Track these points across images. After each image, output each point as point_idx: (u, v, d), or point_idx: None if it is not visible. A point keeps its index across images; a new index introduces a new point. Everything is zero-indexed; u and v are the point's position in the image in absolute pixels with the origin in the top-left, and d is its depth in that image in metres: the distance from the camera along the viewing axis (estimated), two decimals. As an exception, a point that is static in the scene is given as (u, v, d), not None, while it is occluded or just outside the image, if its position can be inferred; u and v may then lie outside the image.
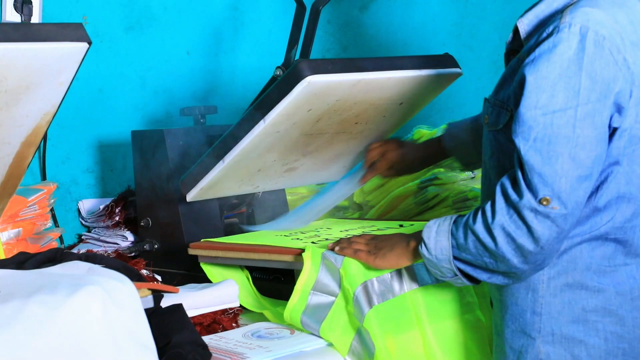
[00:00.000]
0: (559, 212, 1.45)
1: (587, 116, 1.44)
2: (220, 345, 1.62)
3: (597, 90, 1.44)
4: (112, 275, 1.41)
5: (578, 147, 1.45)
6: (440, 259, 1.58)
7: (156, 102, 2.52)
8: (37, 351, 1.22)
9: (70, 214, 2.35)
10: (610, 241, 1.55)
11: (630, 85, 1.47)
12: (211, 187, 1.95)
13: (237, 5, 2.67)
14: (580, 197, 1.47)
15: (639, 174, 1.54)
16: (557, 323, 1.56)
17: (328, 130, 1.97)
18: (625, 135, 1.51)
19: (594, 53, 1.44)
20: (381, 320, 1.65)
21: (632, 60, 1.48)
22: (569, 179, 1.45)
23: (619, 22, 1.49)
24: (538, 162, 1.45)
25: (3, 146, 1.53)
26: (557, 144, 1.44)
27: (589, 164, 1.46)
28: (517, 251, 1.49)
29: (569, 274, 1.55)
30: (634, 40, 1.50)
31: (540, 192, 1.45)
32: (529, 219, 1.46)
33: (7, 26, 1.37)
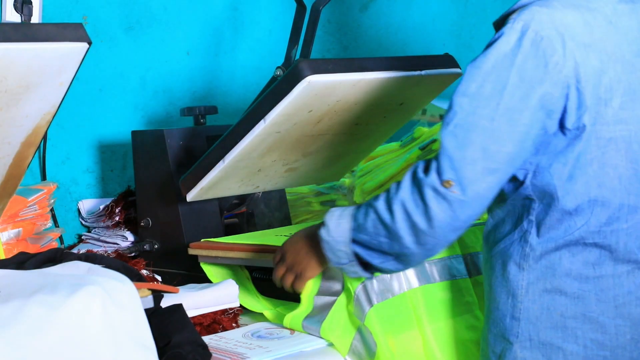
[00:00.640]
0: (456, 197, 1.45)
1: (507, 112, 1.45)
2: (220, 346, 1.62)
3: (522, 88, 1.45)
4: (112, 275, 1.41)
5: (491, 140, 1.45)
6: (339, 241, 1.57)
7: (156, 102, 2.52)
8: (37, 351, 1.22)
9: (70, 214, 2.35)
10: (591, 246, 1.53)
11: (563, 89, 1.47)
12: (211, 187, 1.95)
13: (237, 5, 2.67)
14: (482, 189, 1.46)
15: (612, 176, 1.52)
16: (535, 328, 1.55)
17: (329, 131, 1.96)
18: (589, 138, 1.50)
19: (529, 52, 1.45)
20: (382, 319, 1.65)
21: (580, 61, 1.47)
22: (475, 168, 1.45)
23: (569, 23, 1.49)
24: (452, 146, 1.46)
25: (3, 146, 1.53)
26: (473, 133, 1.45)
27: (498, 158, 1.46)
28: (412, 229, 1.49)
29: (548, 279, 1.54)
30: (587, 42, 1.49)
31: (446, 174, 1.46)
32: (427, 197, 1.47)
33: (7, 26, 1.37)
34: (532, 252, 1.55)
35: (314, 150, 2.02)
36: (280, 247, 1.74)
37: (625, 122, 1.52)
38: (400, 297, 1.71)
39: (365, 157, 2.26)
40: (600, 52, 1.50)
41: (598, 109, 1.49)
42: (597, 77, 1.49)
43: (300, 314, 1.70)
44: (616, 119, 1.51)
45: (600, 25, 1.52)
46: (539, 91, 1.46)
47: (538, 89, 1.46)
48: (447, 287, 1.77)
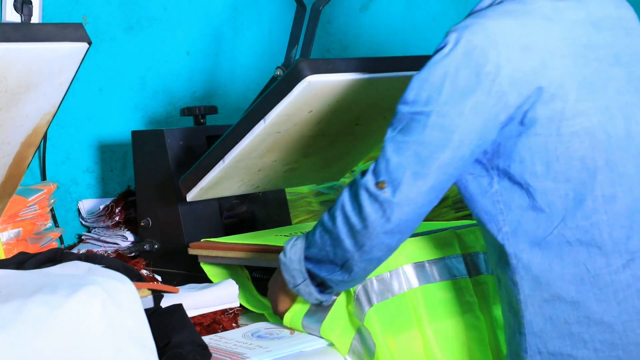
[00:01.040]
0: (387, 198, 1.49)
1: (440, 120, 1.48)
2: (220, 346, 1.62)
3: (456, 97, 1.48)
4: (112, 275, 1.41)
5: (423, 147, 1.49)
6: (293, 260, 1.62)
7: (156, 102, 2.52)
8: (37, 351, 1.22)
9: (70, 214, 2.35)
10: (577, 245, 1.52)
11: (499, 97, 1.48)
12: (211, 187, 1.95)
13: (237, 5, 2.67)
14: (413, 194, 1.49)
15: (580, 169, 1.52)
16: (542, 340, 1.54)
17: (329, 132, 1.96)
18: (550, 135, 1.51)
19: (461, 62, 1.48)
20: (381, 319, 1.65)
21: (518, 66, 1.49)
22: (406, 172, 1.49)
23: (504, 30, 1.50)
24: (390, 151, 1.51)
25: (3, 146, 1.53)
26: (408, 139, 1.50)
27: (429, 164, 1.49)
28: (350, 231, 1.53)
29: (543, 288, 1.53)
30: (525, 44, 1.50)
31: (381, 177, 1.50)
32: (362, 197, 1.51)
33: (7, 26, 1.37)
34: (519, 262, 1.54)
35: (314, 151, 2.02)
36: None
37: (586, 113, 1.52)
38: (400, 297, 1.71)
39: (365, 157, 2.26)
40: (541, 51, 1.51)
41: (553, 106, 1.50)
42: (541, 75, 1.50)
43: (299, 312, 1.70)
44: (575, 112, 1.51)
45: (538, 25, 1.53)
46: (472, 100, 1.48)
47: (471, 98, 1.48)
48: (448, 287, 1.77)
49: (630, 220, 1.53)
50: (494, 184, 1.55)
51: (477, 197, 1.57)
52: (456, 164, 1.51)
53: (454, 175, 1.53)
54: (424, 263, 1.75)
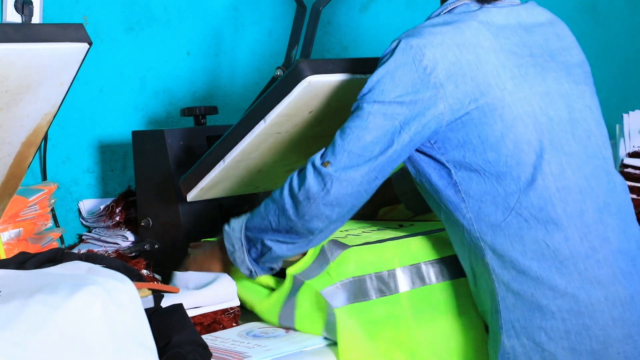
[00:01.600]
0: (327, 172, 1.63)
1: (382, 108, 1.63)
2: (217, 345, 1.62)
3: (395, 90, 1.63)
4: (113, 275, 1.41)
5: (365, 131, 1.63)
6: (235, 229, 1.74)
7: (156, 103, 2.53)
8: (37, 351, 1.22)
9: (71, 214, 2.35)
10: (534, 222, 1.62)
11: (435, 89, 1.62)
12: (212, 187, 1.96)
13: (237, 5, 2.67)
14: (352, 172, 1.63)
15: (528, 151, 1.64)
16: (515, 315, 1.63)
17: (329, 132, 1.96)
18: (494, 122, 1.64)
19: (400, 60, 1.64)
20: (357, 319, 1.66)
21: (454, 60, 1.64)
22: (349, 153, 1.63)
23: (439, 31, 1.66)
24: (338, 136, 1.66)
25: (4, 146, 1.53)
26: (353, 124, 1.65)
27: (370, 147, 1.63)
28: (292, 200, 1.66)
29: (509, 267, 1.63)
30: (460, 41, 1.65)
31: (327, 157, 1.65)
32: (308, 171, 1.65)
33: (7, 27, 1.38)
34: (486, 245, 1.64)
35: (315, 151, 2.02)
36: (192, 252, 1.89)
37: (526, 99, 1.66)
38: (386, 299, 1.72)
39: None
40: (475, 47, 1.66)
41: (493, 94, 1.64)
42: (477, 68, 1.64)
43: (272, 310, 1.73)
44: (514, 98, 1.65)
45: (472, 27, 1.68)
46: (410, 91, 1.62)
47: (409, 90, 1.63)
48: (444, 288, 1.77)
49: (582, 195, 1.65)
50: (452, 175, 1.67)
51: (442, 188, 1.68)
52: (395, 147, 1.63)
53: (393, 159, 1.65)
54: (420, 265, 1.76)
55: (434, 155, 1.68)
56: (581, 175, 1.66)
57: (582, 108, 1.72)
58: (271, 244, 1.71)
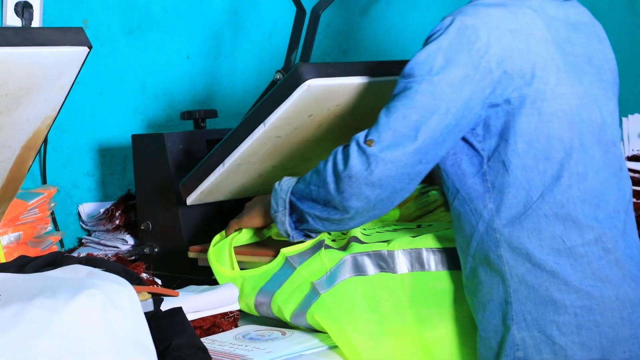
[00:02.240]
0: (371, 151, 1.60)
1: (430, 87, 1.60)
2: (216, 348, 1.62)
3: (446, 70, 1.60)
4: (112, 278, 1.41)
5: (412, 110, 1.61)
6: (282, 189, 1.74)
7: (156, 106, 2.53)
8: (37, 354, 1.23)
9: (71, 217, 2.35)
10: (553, 219, 1.64)
11: (485, 73, 1.61)
12: (211, 190, 1.96)
13: (237, 9, 2.68)
14: (398, 153, 1.60)
15: (558, 148, 1.65)
16: (527, 307, 1.64)
17: (329, 136, 1.97)
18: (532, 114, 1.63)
19: (454, 38, 1.62)
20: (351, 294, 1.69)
21: (507, 45, 1.62)
22: (394, 132, 1.61)
23: (494, 14, 1.65)
24: (383, 114, 1.64)
25: (4, 150, 1.53)
26: (399, 103, 1.62)
27: (416, 127, 1.60)
28: (334, 176, 1.64)
29: (525, 260, 1.64)
30: (514, 28, 1.64)
31: (371, 135, 1.62)
32: (352, 149, 1.63)
33: (7, 30, 1.38)
34: (502, 237, 1.65)
35: (314, 156, 2.03)
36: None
37: (565, 96, 1.66)
38: (383, 278, 1.72)
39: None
40: (527, 36, 1.65)
41: (536, 87, 1.64)
42: (527, 57, 1.64)
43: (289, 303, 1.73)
44: (555, 94, 1.65)
45: (525, 14, 1.68)
46: (461, 72, 1.61)
47: (461, 71, 1.61)
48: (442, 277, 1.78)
49: (598, 199, 1.67)
50: (483, 164, 1.66)
51: (469, 175, 1.67)
52: (442, 130, 1.61)
53: (438, 143, 1.62)
54: (421, 250, 1.77)
55: (471, 141, 1.66)
56: (598, 179, 1.68)
57: (607, 115, 1.73)
58: (309, 218, 1.71)
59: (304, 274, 1.72)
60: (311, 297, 1.68)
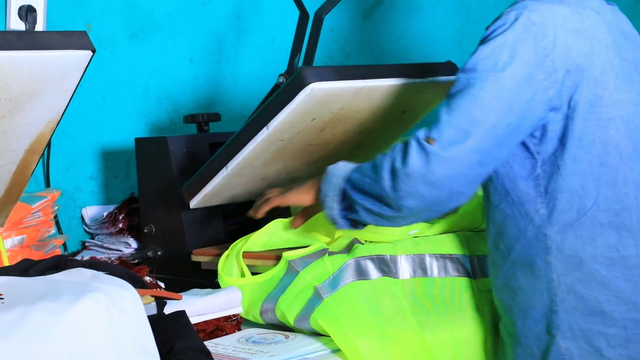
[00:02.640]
0: (434, 150, 1.54)
1: (494, 84, 1.55)
2: (219, 351, 1.62)
3: (512, 66, 1.56)
4: (116, 282, 1.41)
5: (476, 107, 1.56)
6: (337, 175, 1.67)
7: (159, 110, 2.53)
8: (40, 357, 1.23)
9: (74, 220, 2.36)
10: (608, 227, 1.60)
11: (550, 73, 1.57)
12: (214, 194, 1.96)
13: (240, 13, 2.68)
14: (459, 151, 1.54)
15: (614, 154, 1.61)
16: (574, 318, 1.61)
17: (332, 140, 1.97)
18: (590, 119, 1.60)
19: (521, 34, 1.57)
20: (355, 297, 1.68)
21: (572, 46, 1.59)
22: (456, 131, 1.55)
23: (560, 12, 1.61)
24: (443, 112, 1.58)
25: (7, 153, 1.54)
26: (462, 100, 1.57)
27: (478, 125, 1.55)
28: (391, 173, 1.57)
29: (576, 268, 1.60)
30: (578, 28, 1.61)
31: (432, 133, 1.56)
32: (411, 146, 1.57)
33: (11, 34, 1.38)
34: (553, 243, 1.61)
35: (318, 159, 2.03)
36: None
37: (622, 102, 1.63)
38: (395, 280, 1.72)
39: (367, 163, 2.26)
40: (590, 38, 1.62)
41: (596, 91, 1.60)
42: (589, 60, 1.60)
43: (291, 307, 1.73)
44: (612, 100, 1.62)
45: (589, 16, 1.64)
46: (525, 71, 1.56)
47: (525, 69, 1.56)
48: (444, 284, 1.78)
49: None
50: (537, 167, 1.62)
51: (521, 179, 1.63)
52: (504, 129, 1.56)
53: (500, 144, 1.57)
54: (424, 256, 1.77)
55: (527, 143, 1.62)
56: None
57: None
58: (359, 209, 1.64)
59: (307, 278, 1.72)
60: (314, 302, 1.68)
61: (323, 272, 1.72)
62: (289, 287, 1.73)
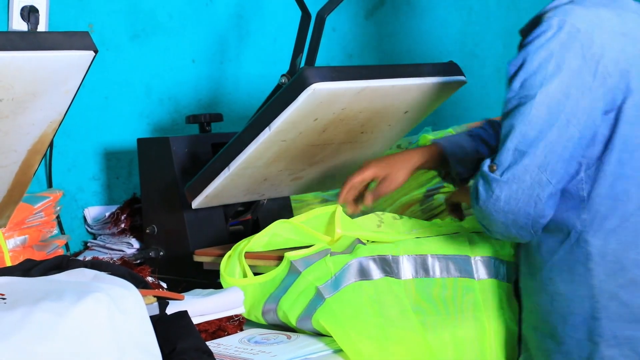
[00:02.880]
0: (494, 177, 1.55)
1: (546, 100, 1.53)
2: (221, 352, 1.63)
3: (561, 78, 1.53)
4: (118, 282, 1.41)
5: (529, 126, 1.54)
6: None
7: (162, 110, 2.53)
8: (43, 357, 1.23)
9: (76, 221, 2.36)
10: None
11: (603, 78, 1.54)
12: (217, 194, 1.96)
13: (242, 13, 2.68)
14: (519, 172, 1.54)
15: None
16: (618, 325, 1.59)
17: (334, 141, 1.97)
18: (637, 122, 1.57)
19: (566, 43, 1.54)
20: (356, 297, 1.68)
21: (620, 49, 1.56)
22: (512, 152, 1.54)
23: (604, 16, 1.57)
24: (502, 133, 1.58)
25: (10, 154, 1.54)
26: (515, 121, 1.55)
27: (535, 144, 1.53)
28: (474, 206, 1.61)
29: (619, 274, 1.58)
30: (624, 31, 1.58)
31: (494, 160, 1.58)
32: (478, 179, 1.60)
33: (14, 35, 1.38)
34: (595, 249, 1.59)
35: (320, 160, 2.03)
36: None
37: None
38: (397, 281, 1.72)
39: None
40: (635, 41, 1.59)
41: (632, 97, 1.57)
42: (637, 63, 1.57)
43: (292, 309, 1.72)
44: None
45: (632, 19, 1.62)
46: (577, 81, 1.53)
47: (576, 79, 1.53)
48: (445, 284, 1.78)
49: None
50: (580, 172, 1.59)
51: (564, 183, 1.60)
52: (564, 144, 1.54)
53: (564, 159, 1.55)
54: (426, 257, 1.77)
55: None
56: None
57: None
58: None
59: (309, 278, 1.72)
60: (316, 302, 1.68)
61: (325, 272, 1.72)
62: (290, 288, 1.73)
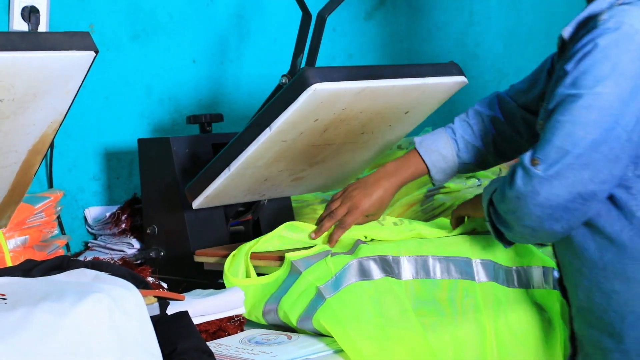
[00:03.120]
0: (537, 173, 1.55)
1: (596, 101, 1.52)
2: (222, 352, 1.63)
3: (616, 81, 1.51)
4: (119, 282, 1.41)
5: (577, 126, 1.52)
6: (484, 197, 1.73)
7: (162, 110, 2.53)
8: (43, 358, 1.23)
9: (77, 221, 2.36)
10: None
11: None
12: (217, 195, 1.96)
13: (243, 13, 2.68)
14: (563, 170, 1.53)
15: None
16: None
17: (335, 141, 1.97)
18: None
19: (623, 46, 1.52)
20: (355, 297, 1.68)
21: None
22: (558, 150, 1.54)
23: None
24: (547, 129, 1.57)
25: (10, 154, 1.54)
26: (562, 118, 1.54)
27: (580, 144, 1.53)
28: (504, 198, 1.61)
29: None
30: None
31: (536, 153, 1.57)
32: (517, 170, 1.58)
33: (14, 35, 1.38)
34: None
35: (321, 160, 2.03)
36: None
37: None
38: (397, 281, 1.72)
39: (371, 165, 2.27)
40: None
41: None
42: None
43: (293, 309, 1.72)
44: None
45: None
46: (630, 84, 1.51)
47: (630, 82, 1.51)
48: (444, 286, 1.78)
49: None
50: (628, 172, 1.58)
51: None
52: (611, 145, 1.54)
53: (610, 160, 1.54)
54: (427, 258, 1.77)
55: None
56: None
57: None
58: (503, 230, 1.69)
59: (309, 278, 1.72)
60: (317, 302, 1.69)
61: (326, 272, 1.72)
62: (291, 288, 1.73)
